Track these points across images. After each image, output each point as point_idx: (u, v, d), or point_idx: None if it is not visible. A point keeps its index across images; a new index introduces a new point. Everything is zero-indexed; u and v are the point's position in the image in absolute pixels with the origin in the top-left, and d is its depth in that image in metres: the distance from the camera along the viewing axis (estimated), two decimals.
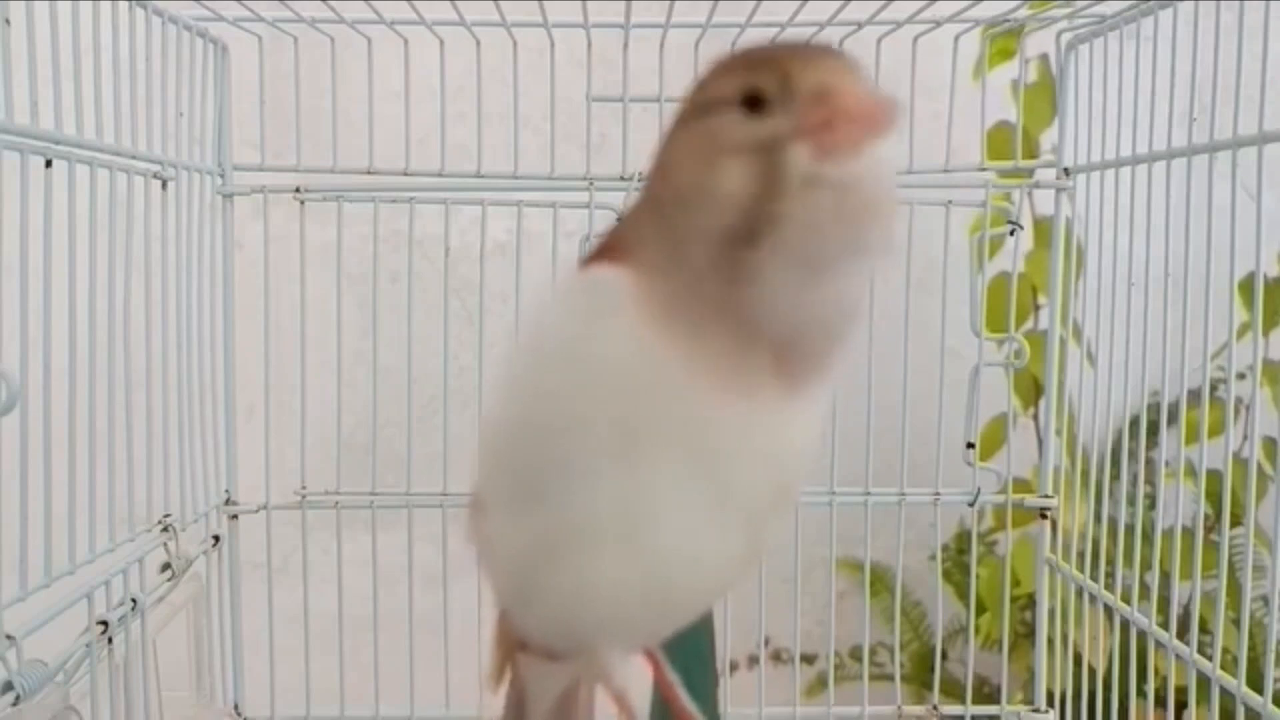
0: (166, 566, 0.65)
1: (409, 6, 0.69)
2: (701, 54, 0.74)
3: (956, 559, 1.13)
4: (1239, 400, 0.90)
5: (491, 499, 0.39)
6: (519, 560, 0.38)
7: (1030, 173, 0.77)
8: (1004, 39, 0.78)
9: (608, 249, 0.38)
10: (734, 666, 1.02)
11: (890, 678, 0.80)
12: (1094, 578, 0.70)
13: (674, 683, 0.45)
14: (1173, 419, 1.00)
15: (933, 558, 0.96)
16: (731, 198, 0.33)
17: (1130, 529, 0.66)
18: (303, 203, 0.74)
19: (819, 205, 0.33)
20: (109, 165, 0.59)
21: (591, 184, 0.74)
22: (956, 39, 0.73)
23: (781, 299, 0.33)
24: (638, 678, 0.43)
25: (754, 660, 0.96)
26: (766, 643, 0.94)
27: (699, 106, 0.35)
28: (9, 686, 0.47)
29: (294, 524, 0.76)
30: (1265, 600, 0.94)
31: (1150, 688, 0.69)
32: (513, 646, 0.43)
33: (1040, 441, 0.89)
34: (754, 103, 0.34)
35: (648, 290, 0.35)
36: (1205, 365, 0.57)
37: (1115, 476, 0.69)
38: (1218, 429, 0.80)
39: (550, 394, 0.36)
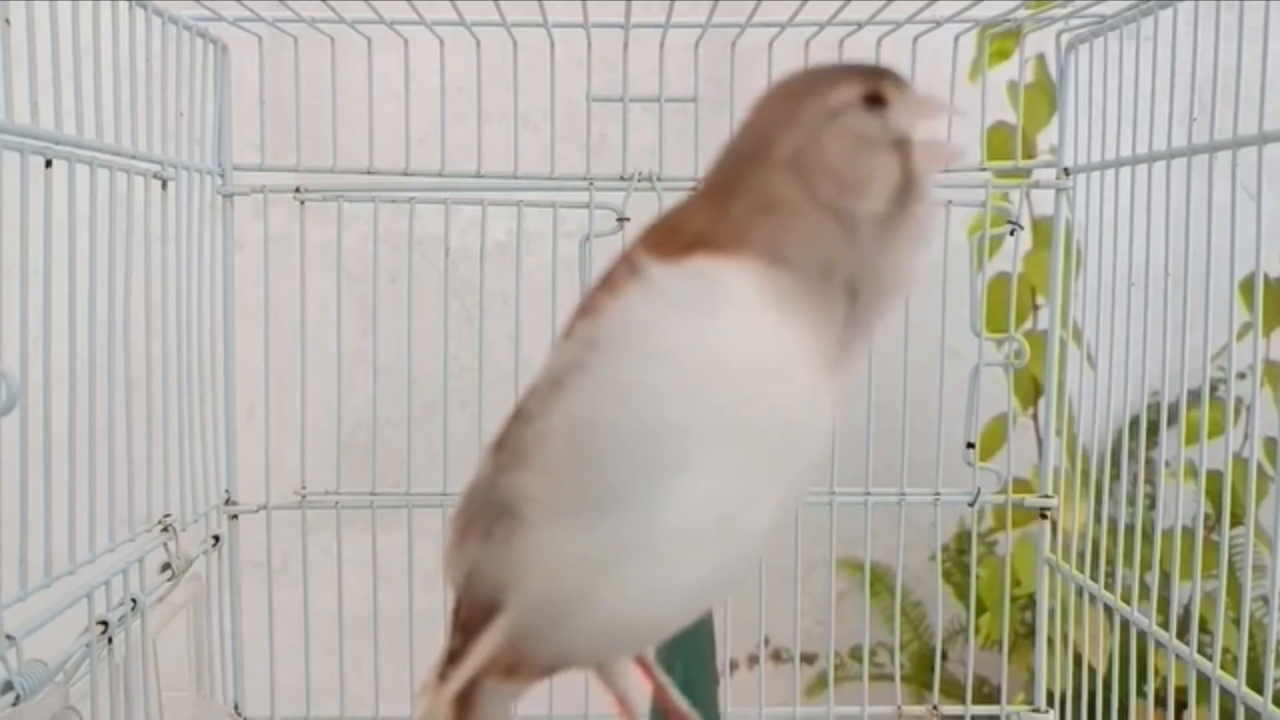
0: (166, 566, 0.65)
1: (409, 6, 0.69)
2: (701, 54, 0.74)
3: (956, 559, 1.13)
4: (1239, 400, 0.90)
5: (551, 508, 0.37)
6: (579, 572, 0.37)
7: (1029, 173, 0.77)
8: (1003, 39, 0.78)
9: (693, 240, 0.38)
10: (734, 666, 1.02)
11: (890, 678, 0.80)
12: (1094, 578, 0.70)
13: (666, 685, 0.45)
14: (1173, 419, 1.00)
15: (933, 558, 0.96)
16: (890, 181, 0.38)
17: (1130, 529, 0.66)
18: (303, 203, 0.74)
19: (929, 191, 0.39)
20: (109, 165, 0.59)
21: (591, 184, 0.74)
22: (956, 39, 0.73)
23: (892, 275, 0.38)
24: (636, 678, 0.43)
25: (754, 660, 0.96)
26: (766, 642, 0.94)
27: (830, 111, 0.39)
28: (9, 686, 0.47)
29: (294, 524, 0.76)
30: (1265, 600, 0.94)
31: (1150, 688, 0.69)
32: (489, 675, 0.40)
33: (1040, 441, 0.89)
34: (874, 102, 0.39)
35: (768, 281, 0.37)
36: (1205, 365, 0.57)
37: (1115, 476, 0.69)
38: (1218, 429, 0.80)
39: (661, 391, 0.36)
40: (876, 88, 0.39)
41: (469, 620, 0.39)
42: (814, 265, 0.37)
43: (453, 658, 0.40)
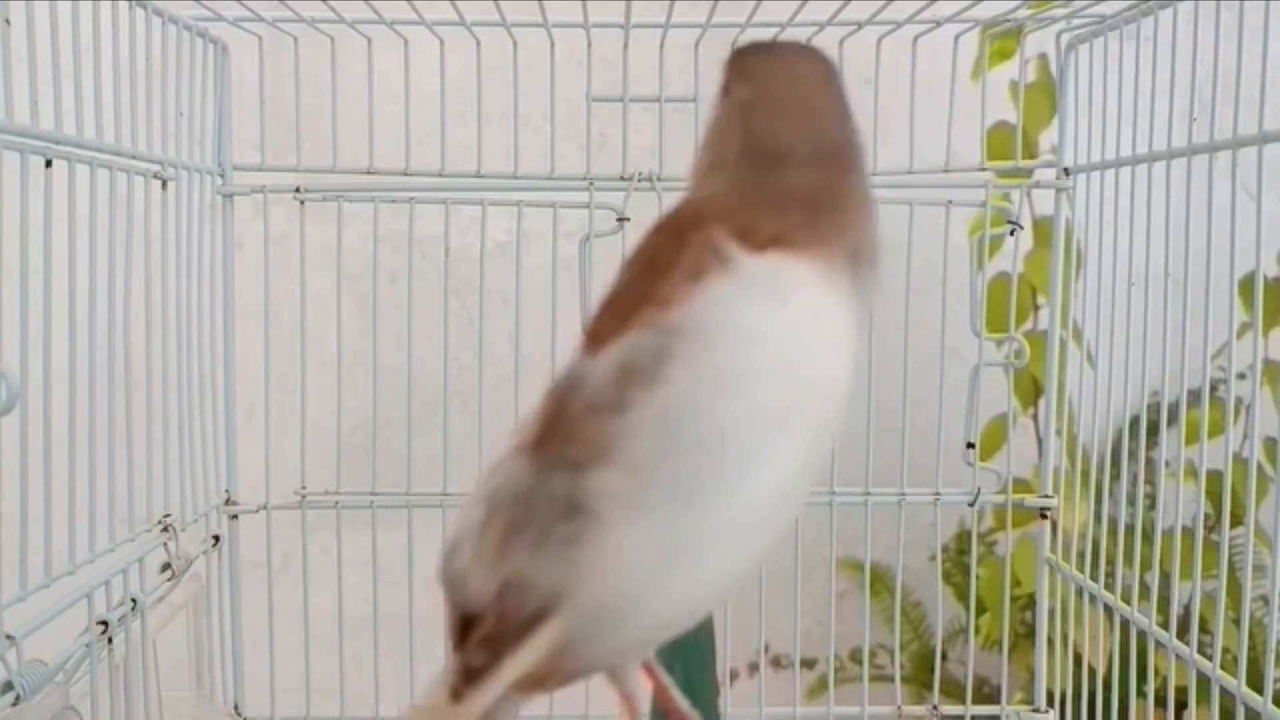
0: (166, 566, 0.65)
1: (409, 6, 0.69)
2: (701, 54, 0.74)
3: (956, 559, 1.13)
4: (1239, 400, 0.90)
5: (633, 504, 0.36)
6: (653, 568, 0.36)
7: (1030, 173, 0.77)
8: (1003, 39, 0.78)
9: (773, 235, 0.39)
10: (734, 675, 1.02)
11: (890, 678, 0.80)
12: (1094, 578, 0.70)
13: (668, 685, 0.45)
14: (1173, 419, 1.00)
15: (933, 558, 0.96)
16: None
17: (1130, 529, 0.66)
18: (303, 203, 0.74)
19: None
20: (109, 165, 0.59)
21: (591, 184, 0.74)
22: (956, 39, 0.73)
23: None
24: (641, 678, 0.43)
25: (754, 668, 0.96)
26: (766, 649, 0.94)
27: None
28: (9, 686, 0.47)
29: (294, 524, 0.76)
30: (1265, 600, 0.94)
31: (1150, 688, 0.69)
32: (516, 688, 0.38)
33: (1040, 441, 0.89)
34: None
35: (825, 265, 0.39)
36: (1205, 365, 0.57)
37: (1115, 476, 0.69)
38: (1218, 429, 0.80)
39: (756, 377, 0.36)
40: None
41: (497, 633, 0.37)
42: (859, 249, 0.40)
43: (470, 676, 0.37)
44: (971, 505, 0.77)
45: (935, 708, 0.77)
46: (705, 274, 0.37)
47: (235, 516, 0.76)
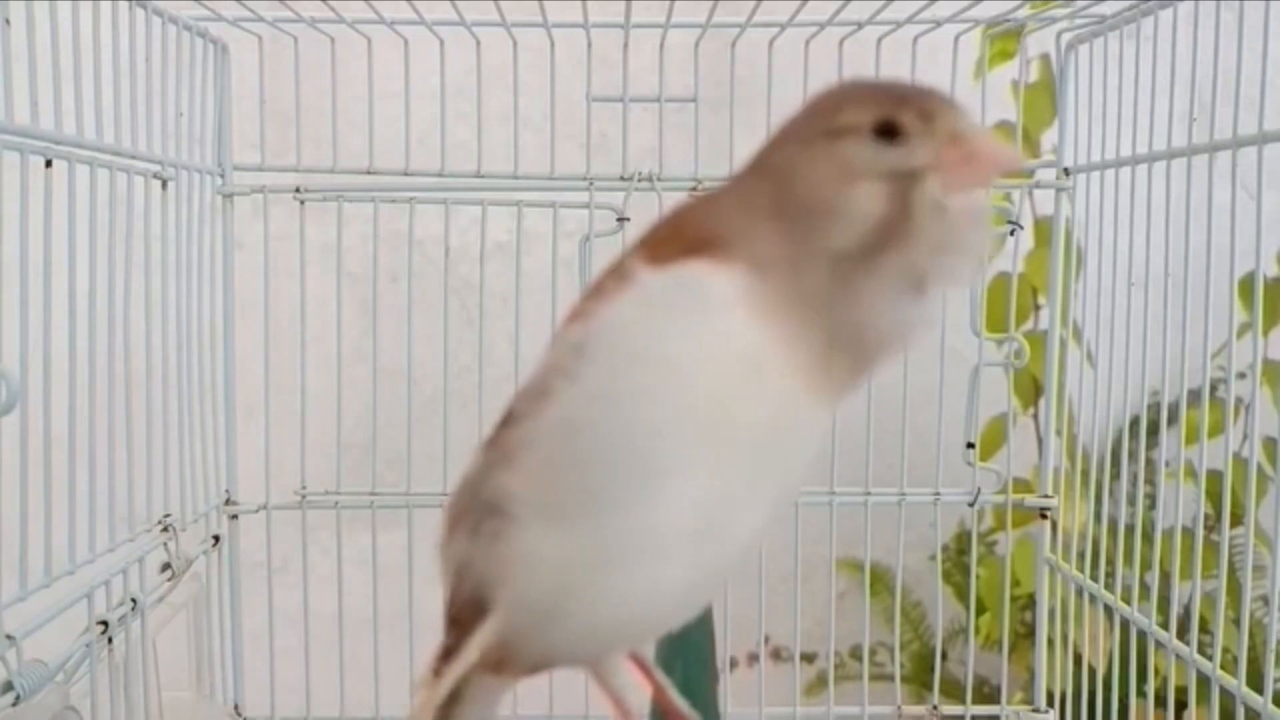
0: (166, 566, 0.65)
1: (409, 6, 0.69)
2: (701, 54, 0.74)
3: (956, 559, 1.13)
4: (1239, 400, 0.90)
5: (538, 509, 0.37)
6: (567, 572, 0.37)
7: (1030, 172, 0.77)
8: (1004, 39, 0.78)
9: (689, 244, 0.37)
10: (734, 664, 1.02)
11: (890, 678, 0.80)
12: (1094, 578, 0.70)
13: (666, 686, 0.45)
14: (1173, 419, 1.00)
15: (933, 558, 0.96)
16: (868, 216, 0.36)
17: (1130, 529, 0.66)
18: (303, 203, 0.74)
19: (940, 230, 0.36)
20: (109, 165, 0.59)
21: (591, 184, 0.74)
22: (956, 39, 0.73)
23: (883, 309, 0.36)
24: (633, 678, 0.43)
25: (754, 658, 0.96)
26: (766, 640, 0.94)
27: (830, 131, 0.37)
28: (9, 686, 0.47)
29: (294, 524, 0.76)
30: (1265, 600, 0.94)
31: (1150, 688, 0.69)
32: (477, 670, 0.40)
33: (1040, 441, 0.89)
34: (888, 133, 0.37)
35: (753, 288, 0.36)
36: (1205, 365, 0.57)
37: (1115, 476, 0.69)
38: (1218, 429, 0.80)
39: (643, 396, 0.36)
40: (891, 116, 0.37)
41: (459, 616, 0.40)
42: (789, 279, 0.36)
43: (447, 654, 0.40)
44: (971, 505, 0.77)
45: (935, 707, 0.77)
46: (609, 291, 0.38)
47: (235, 516, 0.76)
